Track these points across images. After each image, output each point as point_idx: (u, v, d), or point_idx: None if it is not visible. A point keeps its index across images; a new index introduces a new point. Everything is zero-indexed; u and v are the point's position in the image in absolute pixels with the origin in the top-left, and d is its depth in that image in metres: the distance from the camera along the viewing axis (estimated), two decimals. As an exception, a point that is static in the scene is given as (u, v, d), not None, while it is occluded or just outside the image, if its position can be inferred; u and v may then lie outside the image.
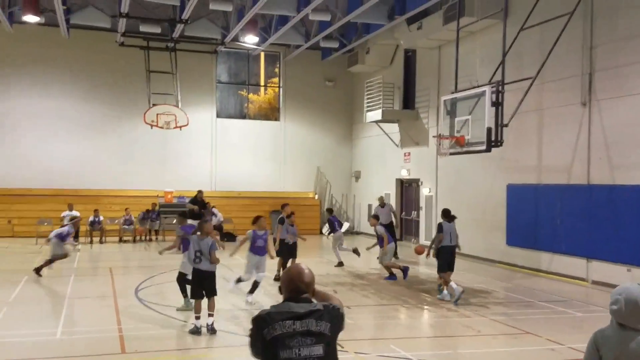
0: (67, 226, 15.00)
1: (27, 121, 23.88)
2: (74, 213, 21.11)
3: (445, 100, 15.53)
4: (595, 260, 14.14)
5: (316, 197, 27.24)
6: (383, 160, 24.83)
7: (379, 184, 24.70)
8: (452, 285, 11.83)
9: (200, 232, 9.48)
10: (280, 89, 27.40)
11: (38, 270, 14.03)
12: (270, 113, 27.74)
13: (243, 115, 27.34)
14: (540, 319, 10.58)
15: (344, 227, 25.89)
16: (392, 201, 23.18)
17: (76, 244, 20.28)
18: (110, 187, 24.47)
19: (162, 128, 22.65)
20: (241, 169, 26.23)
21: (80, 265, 14.89)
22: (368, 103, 23.69)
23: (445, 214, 12.55)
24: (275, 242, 13.50)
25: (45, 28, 22.89)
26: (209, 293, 9.27)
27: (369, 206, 23.96)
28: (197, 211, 20.38)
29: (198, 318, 9.13)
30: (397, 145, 23.61)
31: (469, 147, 14.47)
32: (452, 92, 15.48)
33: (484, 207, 18.06)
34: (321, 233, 24.24)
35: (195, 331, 9.07)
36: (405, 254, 19.18)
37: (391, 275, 14.36)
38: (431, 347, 9.22)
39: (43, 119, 24.11)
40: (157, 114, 22.54)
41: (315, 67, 27.05)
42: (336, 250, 16.53)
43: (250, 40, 23.27)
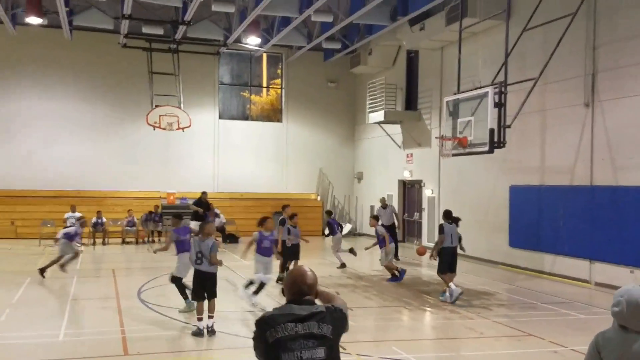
0: (75, 226, 15.04)
1: (30, 122, 23.93)
2: (77, 214, 21.15)
3: (447, 101, 15.53)
4: (598, 262, 14.11)
5: (318, 199, 27.24)
6: (385, 161, 24.81)
7: (382, 185, 24.69)
8: (451, 286, 11.91)
9: (201, 234, 9.47)
10: (283, 90, 27.41)
11: (43, 270, 14.09)
12: (273, 114, 27.75)
13: (245, 117, 27.36)
14: (543, 321, 10.56)
15: (346, 229, 25.98)
16: (395, 202, 23.16)
17: (79, 245, 20.32)
18: (112, 189, 24.50)
19: (165, 129, 22.68)
20: (243, 170, 26.25)
21: (83, 267, 14.91)
22: (370, 104, 23.69)
23: (446, 215, 12.57)
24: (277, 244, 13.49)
25: (48, 30, 22.95)
26: (210, 295, 9.28)
27: (371, 207, 23.95)
28: (202, 213, 20.40)
29: (200, 320, 9.13)
30: (400, 147, 23.59)
31: (471, 148, 14.45)
32: (455, 93, 15.48)
33: (487, 209, 18.04)
34: (323, 235, 24.22)
35: (198, 333, 9.07)
36: (408, 256, 19.17)
37: (394, 277, 14.36)
38: (433, 349, 9.22)
39: (46, 120, 24.15)
40: (160, 116, 22.57)
41: (318, 68, 27.05)
42: (337, 253, 16.53)
43: (253, 41, 23.29)
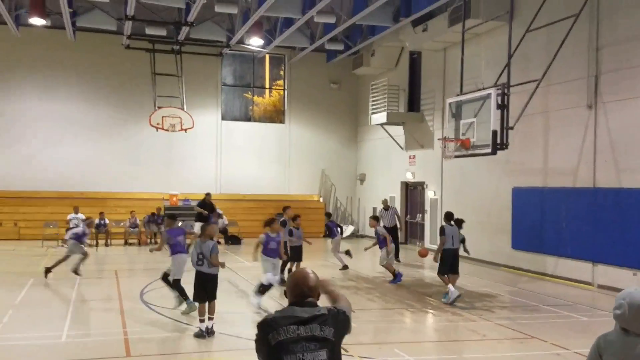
0: (81, 227, 15.07)
1: (33, 124, 23.98)
2: (80, 216, 21.18)
3: (450, 103, 15.52)
4: (601, 264, 14.08)
5: (321, 200, 27.23)
6: (388, 163, 24.80)
7: (384, 186, 24.67)
8: (450, 287, 11.98)
9: (202, 235, 9.49)
10: (285, 92, 27.42)
11: (48, 269, 14.18)
12: (275, 115, 27.76)
13: (248, 118, 27.37)
14: (545, 323, 10.54)
15: (348, 231, 25.96)
16: (397, 204, 23.15)
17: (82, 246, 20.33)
18: (115, 190, 24.53)
19: (168, 131, 22.69)
20: (246, 172, 26.26)
21: (85, 268, 14.91)
22: (373, 105, 23.67)
23: (448, 217, 12.57)
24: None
25: (51, 31, 23.00)
26: (210, 296, 9.28)
27: (374, 209, 23.90)
28: (206, 214, 20.50)
29: (202, 321, 9.14)
30: (402, 148, 23.58)
31: (474, 150, 14.45)
32: (458, 95, 15.46)
33: (489, 210, 18.01)
34: (324, 236, 24.22)
35: (200, 334, 9.07)
36: (410, 257, 19.16)
37: (398, 276, 14.34)
38: (436, 352, 9.21)
39: (49, 121, 24.19)
40: (163, 117, 22.60)
41: (320, 70, 27.06)
42: (337, 254, 16.55)
43: (255, 42, 23.30)
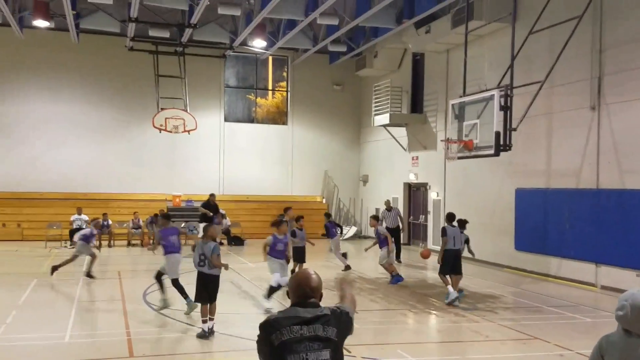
0: (89, 228, 15.12)
1: (37, 125, 24.03)
2: (83, 217, 21.23)
3: (453, 104, 15.52)
4: (604, 265, 14.06)
5: (324, 201, 27.23)
6: (391, 164, 24.80)
7: (387, 188, 24.66)
8: (449, 289, 12.04)
9: (204, 236, 9.51)
10: (288, 93, 27.44)
11: (55, 268, 14.28)
12: (278, 117, 27.78)
13: (251, 119, 27.40)
14: (548, 324, 10.53)
15: (351, 232, 25.97)
16: (400, 205, 23.14)
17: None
18: (118, 191, 24.56)
19: (171, 132, 22.72)
20: (249, 173, 26.28)
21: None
22: (376, 107, 23.68)
23: (449, 218, 12.58)
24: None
25: (55, 33, 23.06)
26: (211, 297, 9.29)
27: (377, 210, 23.88)
28: (210, 215, 20.54)
29: (205, 322, 9.15)
30: (405, 149, 23.58)
31: (477, 151, 14.44)
32: (461, 96, 15.46)
33: (492, 212, 18.00)
34: (324, 236, 24.24)
35: (203, 335, 9.08)
36: (414, 258, 19.15)
37: (397, 278, 14.33)
38: (439, 353, 9.20)
39: (52, 123, 24.24)
40: (166, 118, 22.62)
41: (323, 71, 27.07)
42: (338, 255, 16.57)
43: (258, 44, 23.32)
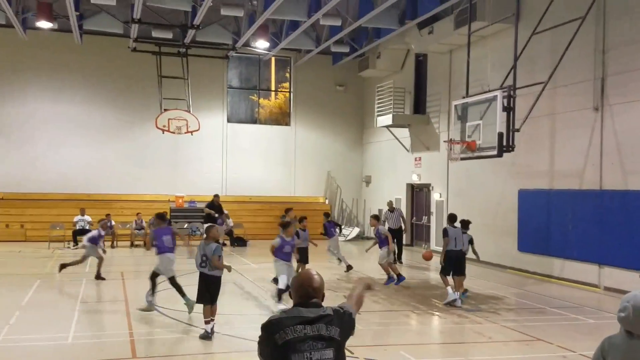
0: (96, 230, 15.15)
1: (40, 126, 24.09)
2: (86, 218, 21.27)
3: (456, 105, 15.51)
4: (608, 267, 14.04)
5: (326, 202, 27.24)
6: (394, 165, 24.79)
7: (390, 188, 24.66)
8: (449, 289, 12.06)
9: (207, 237, 9.52)
10: (291, 94, 27.45)
11: (64, 266, 14.37)
12: (281, 118, 27.80)
13: (254, 120, 27.41)
14: (551, 326, 10.52)
15: (354, 233, 25.97)
16: (403, 206, 23.14)
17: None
18: (121, 192, 24.60)
19: (174, 133, 22.74)
20: (252, 174, 26.30)
21: (92, 270, 14.96)
22: (379, 108, 23.68)
23: (451, 219, 12.57)
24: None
25: (58, 34, 23.10)
26: (213, 298, 9.29)
27: (379, 211, 23.90)
28: (216, 215, 20.72)
29: (208, 323, 9.15)
30: (408, 150, 23.57)
31: (480, 152, 14.44)
32: (463, 97, 15.46)
33: (495, 213, 17.98)
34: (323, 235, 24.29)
35: (206, 336, 9.08)
36: (416, 259, 19.14)
37: (399, 277, 14.32)
38: (441, 354, 9.18)
39: (55, 124, 24.30)
40: (169, 119, 22.65)
41: (326, 72, 27.08)
42: (339, 254, 16.56)
43: (261, 45, 23.35)
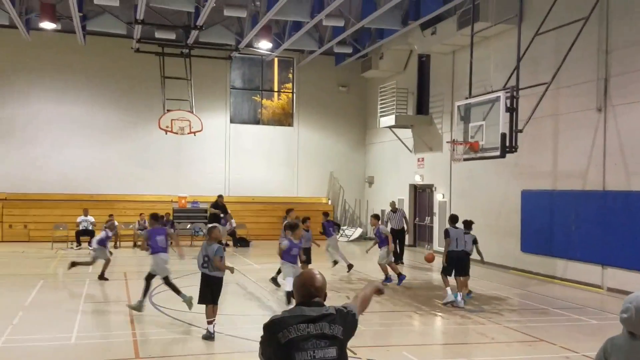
0: (104, 231, 15.19)
1: (43, 127, 24.15)
2: (90, 218, 21.30)
3: (459, 106, 15.50)
4: (611, 267, 14.00)
5: (329, 203, 27.24)
6: (396, 165, 24.78)
7: (393, 189, 24.65)
8: (448, 290, 12.06)
9: (208, 238, 9.53)
10: (294, 95, 27.47)
11: (74, 264, 14.43)
12: (284, 118, 27.81)
13: (257, 121, 27.43)
14: (554, 327, 10.50)
15: (357, 233, 25.97)
16: (406, 207, 23.13)
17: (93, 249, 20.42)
18: (124, 192, 24.64)
19: (177, 134, 22.76)
20: (255, 174, 26.32)
21: (95, 270, 14.99)
22: (381, 108, 23.67)
23: (452, 219, 12.57)
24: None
25: (61, 35, 23.15)
26: (215, 299, 9.30)
27: (382, 212, 23.89)
28: (221, 215, 20.86)
29: (210, 323, 9.16)
30: (411, 151, 23.56)
31: (483, 153, 14.42)
32: (466, 98, 15.44)
33: (498, 213, 17.96)
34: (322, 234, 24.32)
35: (209, 336, 9.09)
36: (419, 260, 19.11)
37: (400, 277, 14.31)
38: (444, 355, 9.18)
39: (59, 124, 24.36)
40: (172, 120, 22.66)
41: (329, 73, 27.09)
42: (341, 254, 16.57)
43: (264, 46, 23.37)
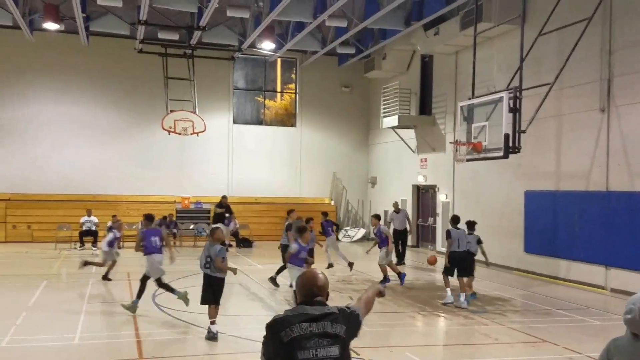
0: (112, 232, 15.20)
1: (47, 127, 24.20)
2: (93, 219, 21.33)
3: (462, 106, 15.49)
4: (614, 268, 13.97)
5: (332, 203, 27.24)
6: (399, 166, 24.77)
7: (396, 190, 24.63)
8: (448, 291, 12.08)
9: (211, 239, 9.55)
10: (297, 95, 27.47)
11: (86, 263, 14.50)
12: (287, 119, 27.82)
13: (259, 121, 27.44)
14: (558, 327, 10.49)
15: (359, 234, 25.96)
16: (409, 207, 23.11)
17: (95, 249, 20.45)
18: (127, 193, 24.66)
19: (180, 134, 22.76)
20: (257, 175, 26.33)
21: (98, 270, 15.02)
22: (384, 109, 23.67)
23: (454, 220, 12.57)
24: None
25: (65, 35, 23.21)
26: (216, 299, 9.31)
27: (385, 212, 23.89)
28: (227, 215, 20.96)
29: (213, 323, 9.17)
30: (414, 151, 23.55)
31: (486, 154, 14.41)
32: (469, 98, 15.43)
33: (501, 214, 17.94)
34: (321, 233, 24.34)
35: (212, 337, 9.10)
36: (422, 260, 19.10)
37: (400, 276, 14.31)
38: (447, 355, 9.17)
39: (62, 124, 24.40)
40: (175, 120, 22.65)
41: (332, 73, 27.10)
42: (341, 254, 16.58)
43: (267, 46, 23.36)
